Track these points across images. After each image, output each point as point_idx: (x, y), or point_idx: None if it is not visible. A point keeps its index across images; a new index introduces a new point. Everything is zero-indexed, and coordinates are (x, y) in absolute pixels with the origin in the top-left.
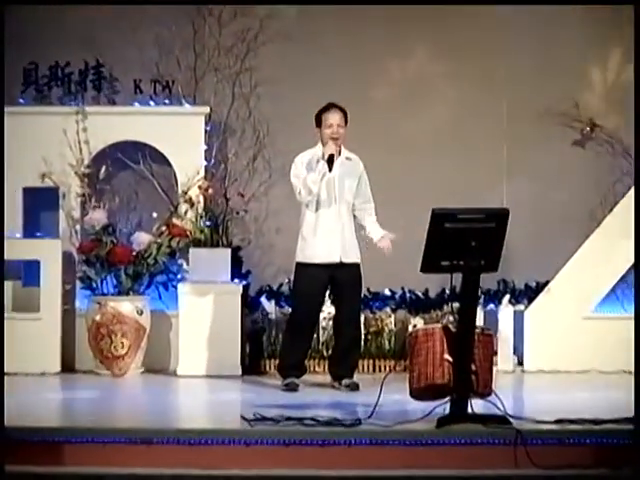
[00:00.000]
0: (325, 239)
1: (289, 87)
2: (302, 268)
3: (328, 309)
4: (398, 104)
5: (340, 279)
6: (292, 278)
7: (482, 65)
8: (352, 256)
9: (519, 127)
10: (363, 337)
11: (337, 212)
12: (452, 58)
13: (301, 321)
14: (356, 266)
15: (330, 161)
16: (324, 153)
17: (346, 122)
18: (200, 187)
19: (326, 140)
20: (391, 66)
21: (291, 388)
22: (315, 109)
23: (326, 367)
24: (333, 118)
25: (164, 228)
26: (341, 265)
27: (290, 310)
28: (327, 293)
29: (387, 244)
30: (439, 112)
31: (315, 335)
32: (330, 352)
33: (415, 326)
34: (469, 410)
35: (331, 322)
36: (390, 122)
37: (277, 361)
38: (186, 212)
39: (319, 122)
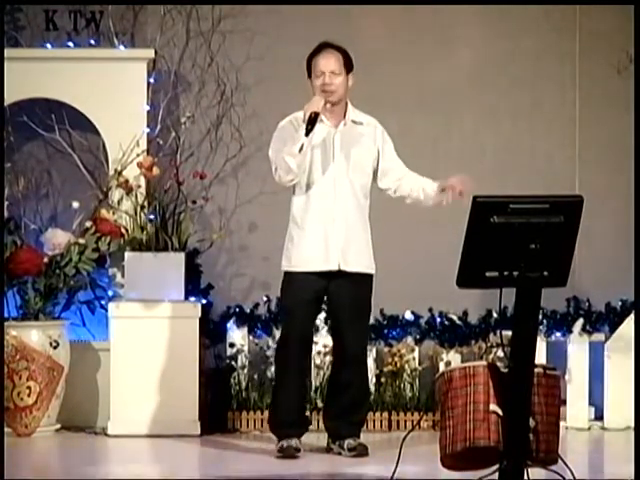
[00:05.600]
0: (316, 238)
1: (269, 20)
2: (288, 280)
3: (323, 340)
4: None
5: (337, 296)
6: (279, 295)
7: None
8: (358, 263)
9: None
10: (374, 379)
11: (336, 198)
12: None
13: (294, 353)
14: (364, 278)
15: (312, 122)
16: (305, 112)
17: (348, 68)
18: (140, 165)
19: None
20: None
21: (289, 454)
22: (308, 51)
23: (321, 422)
24: (325, 64)
25: (89, 224)
26: (340, 275)
27: (278, 340)
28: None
29: (459, 184)
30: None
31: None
32: (325, 400)
33: (449, 364)
34: None
35: (327, 358)
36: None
37: (261, 414)
38: (120, 201)
39: (310, 71)
